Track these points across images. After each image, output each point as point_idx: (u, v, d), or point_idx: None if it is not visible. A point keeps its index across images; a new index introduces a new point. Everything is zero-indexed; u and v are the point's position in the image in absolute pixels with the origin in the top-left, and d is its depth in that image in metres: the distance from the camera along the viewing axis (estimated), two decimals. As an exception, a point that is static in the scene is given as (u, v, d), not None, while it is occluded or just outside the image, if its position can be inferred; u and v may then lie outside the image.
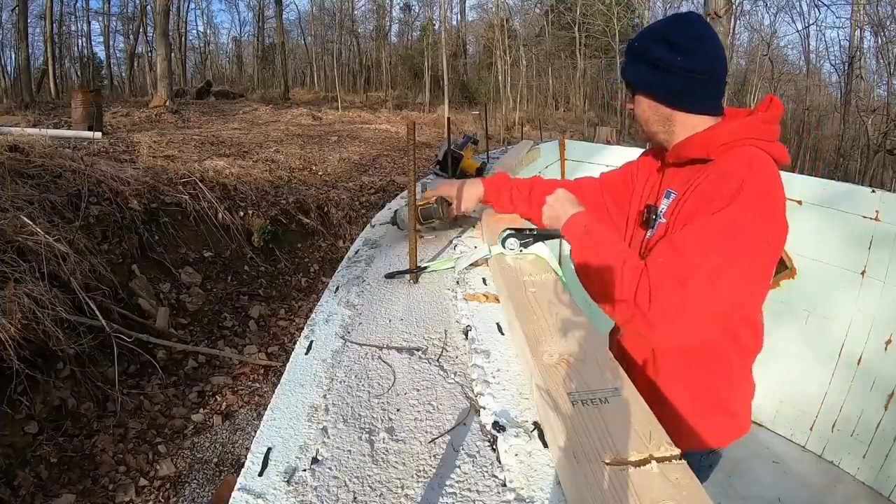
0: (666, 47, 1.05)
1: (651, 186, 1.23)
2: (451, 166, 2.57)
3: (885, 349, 2.60)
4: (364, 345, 0.94)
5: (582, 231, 1.09)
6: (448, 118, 2.40)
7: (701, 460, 1.15)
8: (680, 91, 1.07)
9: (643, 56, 1.08)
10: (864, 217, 2.65)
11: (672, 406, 1.12)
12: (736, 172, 0.96)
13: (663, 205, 1.14)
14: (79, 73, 24.85)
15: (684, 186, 1.07)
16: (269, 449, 0.68)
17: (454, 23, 29.47)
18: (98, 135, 6.78)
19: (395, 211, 1.62)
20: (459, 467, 0.65)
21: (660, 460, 0.56)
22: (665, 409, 1.09)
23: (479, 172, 2.82)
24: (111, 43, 25.68)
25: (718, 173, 0.99)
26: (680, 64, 1.04)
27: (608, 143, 9.89)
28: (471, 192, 1.45)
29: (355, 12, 28.49)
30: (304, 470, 0.65)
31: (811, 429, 2.91)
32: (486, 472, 0.64)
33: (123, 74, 25.08)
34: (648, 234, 1.16)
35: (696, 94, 1.07)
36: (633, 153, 2.15)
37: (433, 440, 0.70)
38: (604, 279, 0.96)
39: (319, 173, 7.83)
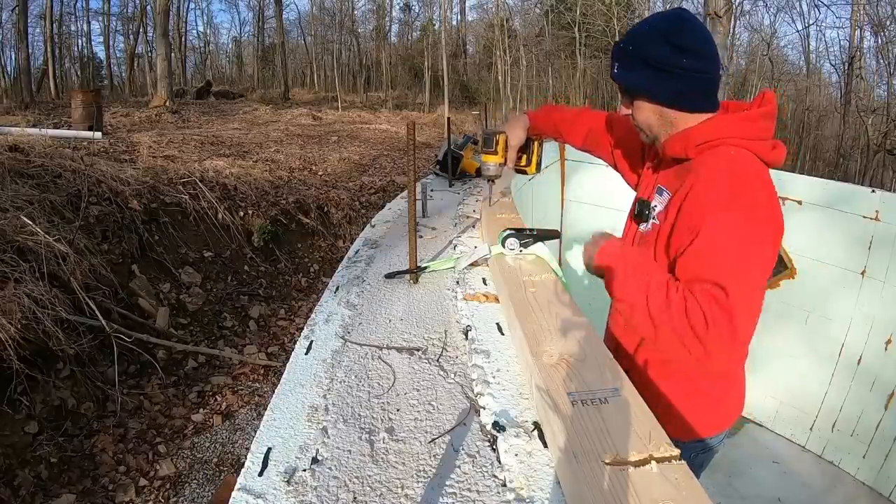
0: (669, 48, 1.01)
1: (647, 180, 1.23)
2: (451, 166, 2.57)
3: (885, 349, 2.60)
4: (364, 345, 0.94)
5: (624, 266, 1.02)
6: (448, 118, 2.40)
7: (691, 456, 1.15)
8: (684, 93, 1.05)
9: (641, 59, 1.05)
10: (864, 217, 2.65)
11: (661, 394, 1.13)
12: (720, 180, 0.96)
13: (656, 201, 1.14)
14: (79, 73, 24.83)
15: (674, 186, 1.08)
16: (269, 449, 0.68)
17: (454, 23, 29.47)
18: (98, 135, 6.78)
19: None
20: (459, 467, 0.65)
21: (659, 460, 0.56)
22: (654, 397, 1.11)
23: (479, 172, 2.82)
24: (111, 43, 25.68)
25: (704, 181, 0.98)
26: (685, 65, 1.01)
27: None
28: (516, 125, 1.52)
29: (355, 12, 28.48)
30: (304, 470, 0.65)
31: (811, 429, 2.91)
32: (486, 472, 0.64)
33: (123, 74, 25.05)
34: (642, 227, 1.17)
35: (698, 94, 1.06)
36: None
37: (433, 440, 0.70)
38: (651, 311, 0.93)
39: (319, 173, 7.83)
